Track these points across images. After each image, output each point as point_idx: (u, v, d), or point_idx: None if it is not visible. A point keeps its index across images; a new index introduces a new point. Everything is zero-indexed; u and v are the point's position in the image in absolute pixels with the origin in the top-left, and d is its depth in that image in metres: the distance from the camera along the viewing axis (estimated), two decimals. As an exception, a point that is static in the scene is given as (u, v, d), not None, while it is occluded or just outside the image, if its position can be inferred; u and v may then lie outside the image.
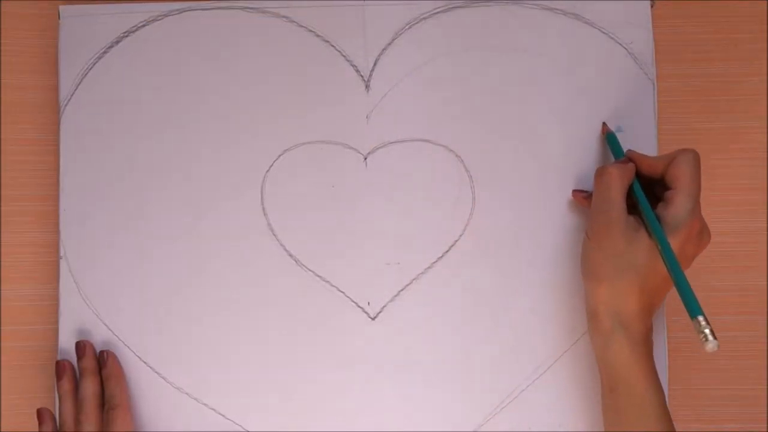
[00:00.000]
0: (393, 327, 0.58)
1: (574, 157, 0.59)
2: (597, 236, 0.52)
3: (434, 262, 0.58)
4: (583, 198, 0.57)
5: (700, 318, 0.46)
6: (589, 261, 0.53)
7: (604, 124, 0.58)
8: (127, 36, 0.59)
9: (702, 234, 0.52)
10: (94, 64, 0.59)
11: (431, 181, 0.59)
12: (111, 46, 0.59)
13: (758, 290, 0.60)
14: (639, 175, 0.54)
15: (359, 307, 0.58)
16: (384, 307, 0.58)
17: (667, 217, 0.51)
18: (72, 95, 0.59)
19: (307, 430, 0.57)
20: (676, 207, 0.51)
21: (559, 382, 0.53)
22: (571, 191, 0.58)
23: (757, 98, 0.61)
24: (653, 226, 0.51)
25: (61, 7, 0.59)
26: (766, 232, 0.60)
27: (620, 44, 0.59)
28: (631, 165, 0.54)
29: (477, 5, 0.60)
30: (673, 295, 0.59)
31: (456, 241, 0.58)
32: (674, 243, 0.50)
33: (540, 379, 0.57)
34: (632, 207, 0.53)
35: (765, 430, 0.59)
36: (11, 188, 0.60)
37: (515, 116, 0.59)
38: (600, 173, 0.53)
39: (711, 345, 0.45)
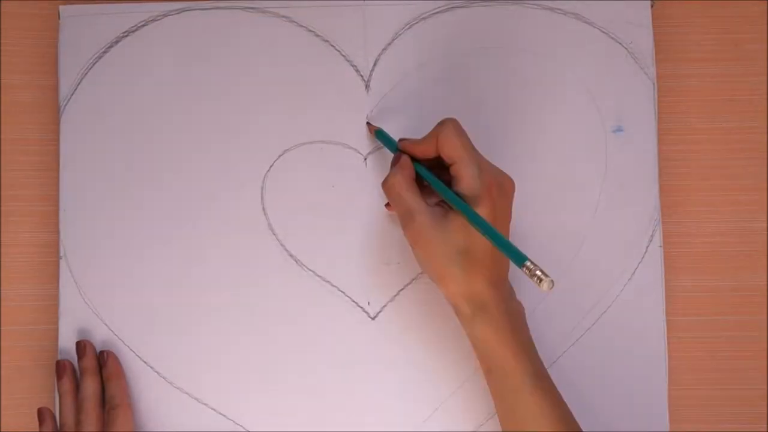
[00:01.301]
0: (393, 327, 0.58)
1: (575, 156, 0.59)
2: (416, 242, 0.52)
3: (434, 262, 0.58)
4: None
5: (528, 263, 0.46)
6: (424, 265, 0.53)
7: (368, 124, 0.58)
8: (126, 36, 0.59)
9: (502, 184, 0.52)
10: (94, 64, 0.59)
11: (431, 181, 0.59)
12: (111, 46, 0.59)
13: (758, 290, 0.59)
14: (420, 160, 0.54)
15: (359, 306, 0.58)
16: (384, 307, 0.58)
17: (464, 191, 0.51)
18: (72, 95, 0.59)
19: (306, 430, 0.57)
20: (464, 179, 0.51)
21: (559, 381, 0.53)
22: (572, 189, 0.58)
23: (757, 98, 0.61)
24: (452, 200, 0.51)
25: (61, 7, 0.59)
26: (766, 232, 0.60)
27: (620, 44, 0.59)
28: (405, 158, 0.54)
29: (477, 5, 0.60)
30: (672, 294, 0.59)
31: (456, 241, 0.58)
32: (483, 210, 0.50)
33: (540, 379, 0.57)
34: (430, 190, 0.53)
35: (765, 430, 0.59)
36: (11, 188, 0.60)
37: (515, 116, 0.59)
38: (385, 187, 0.53)
39: (546, 284, 0.45)
